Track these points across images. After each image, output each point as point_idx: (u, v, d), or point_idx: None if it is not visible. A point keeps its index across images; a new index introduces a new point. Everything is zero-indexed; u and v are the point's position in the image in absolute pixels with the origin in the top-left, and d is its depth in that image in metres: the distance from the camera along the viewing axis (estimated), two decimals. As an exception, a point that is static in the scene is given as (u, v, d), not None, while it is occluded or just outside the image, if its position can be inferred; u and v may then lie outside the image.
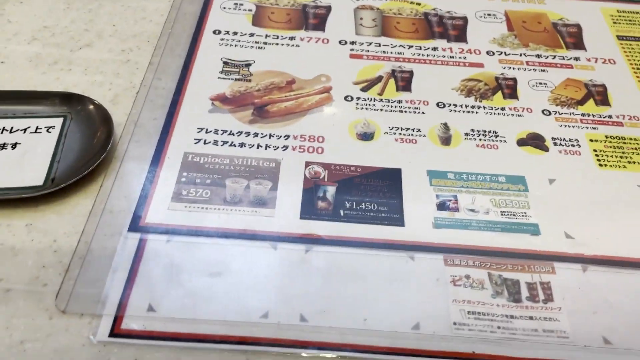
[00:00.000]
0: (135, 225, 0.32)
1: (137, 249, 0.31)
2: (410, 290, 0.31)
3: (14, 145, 0.36)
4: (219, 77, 0.42)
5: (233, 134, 0.38)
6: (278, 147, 0.38)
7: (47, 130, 0.36)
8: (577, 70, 0.44)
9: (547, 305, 0.30)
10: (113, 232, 0.32)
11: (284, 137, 0.38)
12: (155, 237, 0.32)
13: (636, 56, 0.45)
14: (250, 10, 0.47)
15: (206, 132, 0.38)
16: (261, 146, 0.37)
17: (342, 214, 0.34)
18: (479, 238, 0.33)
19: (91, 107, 0.37)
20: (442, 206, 0.35)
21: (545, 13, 0.49)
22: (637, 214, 0.35)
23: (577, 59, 0.45)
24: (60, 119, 0.37)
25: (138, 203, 0.34)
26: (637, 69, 0.44)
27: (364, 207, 0.34)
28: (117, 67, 0.42)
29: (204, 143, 0.37)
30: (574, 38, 0.47)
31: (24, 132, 0.36)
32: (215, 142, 0.37)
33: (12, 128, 0.36)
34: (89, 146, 0.36)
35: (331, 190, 0.35)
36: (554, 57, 0.45)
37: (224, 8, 0.47)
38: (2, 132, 0.36)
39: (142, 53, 0.43)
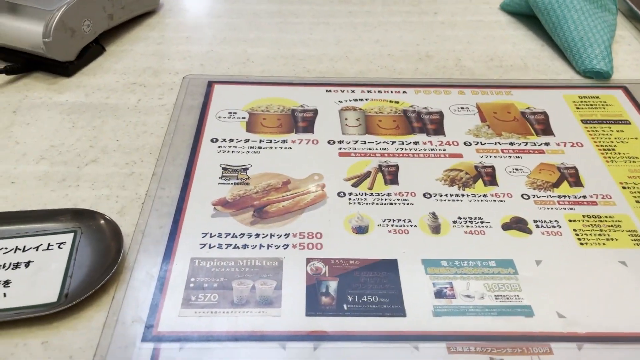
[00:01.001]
0: (148, 335, 0.34)
1: (151, 359, 0.32)
2: (417, 380, 0.32)
3: (27, 264, 0.37)
4: (219, 183, 0.44)
5: (236, 236, 0.40)
6: (279, 245, 0.40)
7: (59, 247, 0.38)
8: (549, 155, 0.48)
9: (550, 386, 0.31)
10: (127, 344, 0.33)
11: (284, 235, 0.40)
12: (168, 345, 0.33)
13: (600, 138, 0.50)
14: (243, 117, 0.51)
15: (210, 236, 0.40)
16: (263, 246, 0.40)
17: (345, 308, 0.36)
18: (478, 323, 0.35)
19: (101, 221, 0.39)
20: (439, 294, 0.36)
21: (513, 103, 0.54)
22: (622, 288, 0.37)
23: (547, 144, 0.49)
24: (71, 235, 0.39)
25: (150, 312, 0.35)
26: (603, 149, 0.48)
27: (365, 299, 0.36)
28: (123, 179, 0.44)
29: (209, 247, 0.39)
30: (542, 125, 0.51)
31: (37, 250, 0.38)
32: (220, 246, 0.39)
33: (24, 247, 0.38)
34: (99, 259, 0.37)
35: (333, 285, 0.37)
36: (526, 143, 0.49)
37: (219, 117, 0.51)
38: (15, 252, 0.38)
39: (145, 165, 0.46)
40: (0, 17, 0.53)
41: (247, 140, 0.49)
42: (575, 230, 0.41)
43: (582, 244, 0.40)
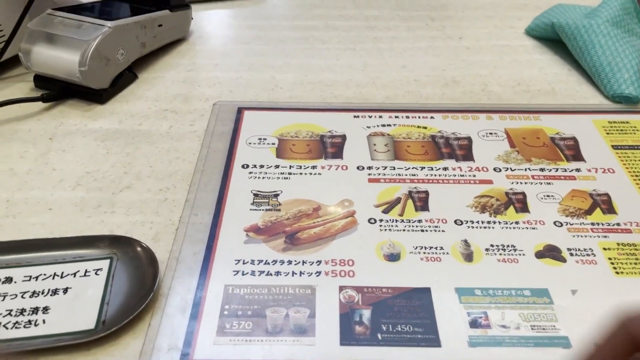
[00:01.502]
0: (185, 362, 0.34)
1: (188, 387, 0.33)
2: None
3: (65, 290, 0.38)
4: (250, 209, 0.45)
5: (268, 263, 0.41)
6: (312, 273, 0.40)
7: (96, 273, 0.39)
8: (580, 181, 0.47)
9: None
10: (164, 372, 0.33)
11: (316, 262, 0.41)
12: (204, 373, 0.33)
13: (632, 164, 0.49)
14: (273, 144, 0.52)
15: (243, 263, 0.40)
16: (296, 273, 0.40)
17: (380, 338, 0.35)
18: (514, 355, 0.34)
19: (137, 248, 0.40)
20: (474, 324, 0.36)
21: (542, 129, 0.54)
22: (661, 319, 0.36)
23: (578, 170, 0.49)
24: (107, 261, 0.40)
25: (185, 340, 0.35)
26: (635, 176, 0.48)
27: (399, 329, 0.36)
28: (156, 206, 0.45)
29: (242, 274, 0.40)
30: (572, 150, 0.51)
31: (74, 277, 0.39)
32: (253, 273, 0.40)
33: (62, 273, 0.39)
34: (136, 286, 0.38)
35: (367, 314, 0.37)
36: (557, 169, 0.49)
37: (250, 143, 0.52)
38: (53, 278, 0.39)
39: (178, 191, 0.47)
40: (38, 47, 0.55)
41: (277, 166, 0.49)
42: (610, 258, 0.41)
43: (617, 272, 0.40)
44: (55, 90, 0.56)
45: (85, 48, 0.53)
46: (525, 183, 0.47)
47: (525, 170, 0.49)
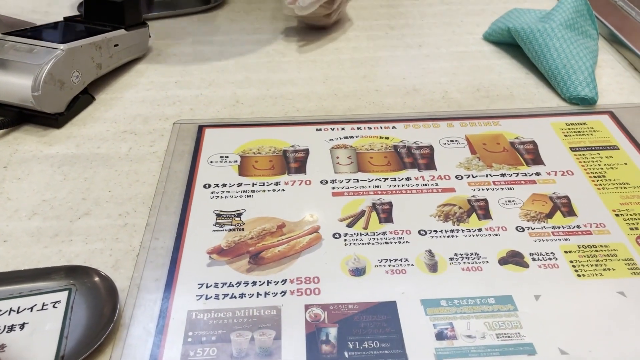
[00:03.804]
0: (148, 395, 0.33)
1: (151, 421, 0.32)
2: None
3: (22, 326, 0.37)
4: (213, 230, 0.44)
5: (232, 285, 0.40)
6: (277, 293, 0.39)
7: (53, 306, 0.38)
8: (540, 185, 0.48)
9: None
10: (126, 406, 0.32)
11: (282, 282, 0.40)
12: (168, 405, 0.33)
13: (590, 165, 0.50)
14: (235, 161, 0.51)
15: (207, 286, 0.40)
16: (260, 294, 0.39)
17: (347, 356, 0.35)
18: (480, 365, 0.34)
19: (95, 278, 0.39)
20: (440, 335, 0.36)
21: (501, 133, 0.54)
22: (622, 320, 0.37)
23: (538, 174, 0.49)
24: (65, 292, 0.39)
25: (148, 371, 0.34)
26: (594, 177, 0.49)
27: (366, 345, 0.36)
28: (116, 231, 0.44)
29: (206, 299, 0.39)
30: (532, 154, 0.52)
31: (31, 311, 0.37)
32: (217, 296, 0.39)
33: (19, 308, 0.38)
34: (95, 317, 0.37)
35: (333, 332, 0.37)
36: (517, 174, 0.49)
37: (211, 162, 0.51)
38: (9, 314, 0.37)
39: (138, 215, 0.46)
40: (-12, 73, 0.54)
41: (239, 184, 0.49)
42: (571, 261, 0.41)
43: (579, 275, 0.40)
44: (9, 116, 0.54)
45: (37, 72, 0.52)
46: (487, 189, 0.48)
47: (487, 176, 0.49)
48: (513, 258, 0.41)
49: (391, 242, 0.43)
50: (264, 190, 0.48)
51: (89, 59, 0.57)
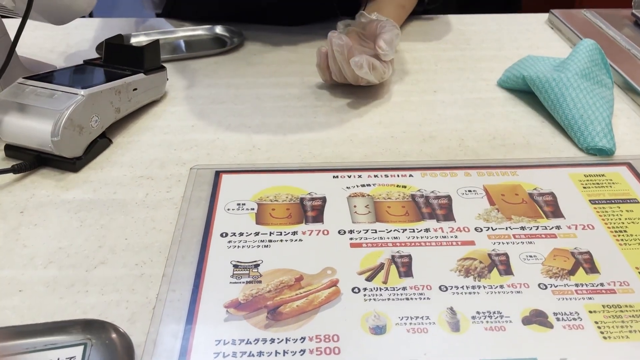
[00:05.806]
0: None
1: None
2: None
3: (37, 383, 0.36)
4: (230, 282, 0.44)
5: (250, 343, 0.39)
6: (295, 351, 0.38)
7: (69, 362, 0.37)
8: (561, 239, 0.47)
9: None
10: None
11: (300, 339, 0.39)
12: None
13: (611, 219, 0.49)
14: (252, 209, 0.51)
15: (224, 343, 0.39)
16: (279, 352, 0.38)
17: (368, 422, 0.34)
18: None
19: (112, 334, 0.38)
20: (464, 401, 0.35)
21: (520, 184, 0.54)
22: (652, 387, 0.36)
23: (558, 227, 0.49)
24: (81, 347, 0.38)
25: None
26: (615, 232, 0.48)
27: (388, 410, 0.35)
28: (132, 282, 0.44)
29: (224, 356, 0.38)
30: (551, 207, 0.51)
31: (46, 367, 0.37)
32: (234, 354, 0.38)
33: (33, 364, 0.37)
34: (111, 375, 0.36)
35: (354, 395, 0.36)
36: (537, 227, 0.49)
37: (228, 210, 0.51)
38: (24, 370, 0.36)
39: (155, 264, 0.45)
40: (9, 117, 0.54)
41: (257, 234, 0.48)
42: (596, 322, 0.40)
43: (605, 337, 0.39)
44: (26, 159, 0.55)
45: (57, 118, 0.52)
46: (507, 243, 0.47)
47: (507, 229, 0.49)
48: (537, 318, 0.41)
49: (412, 298, 0.42)
50: (282, 240, 0.48)
51: (108, 104, 0.58)
